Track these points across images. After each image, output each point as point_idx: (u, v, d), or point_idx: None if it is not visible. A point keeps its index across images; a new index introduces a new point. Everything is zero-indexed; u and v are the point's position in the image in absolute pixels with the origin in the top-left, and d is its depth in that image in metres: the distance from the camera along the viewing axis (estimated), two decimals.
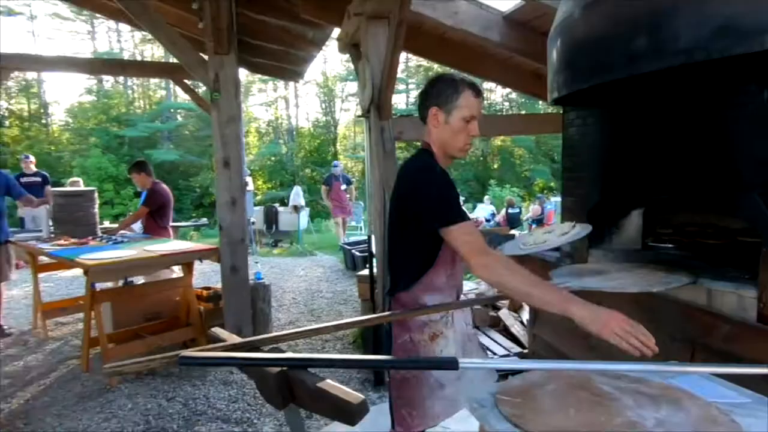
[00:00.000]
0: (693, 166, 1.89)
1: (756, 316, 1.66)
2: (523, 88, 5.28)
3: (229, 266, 3.73)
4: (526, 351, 3.33)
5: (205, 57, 3.74)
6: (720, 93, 1.77)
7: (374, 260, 4.06)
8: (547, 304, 1.29)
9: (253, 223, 8.66)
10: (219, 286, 4.10)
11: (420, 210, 1.49)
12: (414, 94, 22.40)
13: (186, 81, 6.07)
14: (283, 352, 1.14)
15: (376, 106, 3.75)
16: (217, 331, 1.25)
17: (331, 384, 0.96)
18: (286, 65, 6.42)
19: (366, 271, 4.27)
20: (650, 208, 2.50)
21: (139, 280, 4.20)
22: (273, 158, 19.83)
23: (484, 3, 4.05)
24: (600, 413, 1.12)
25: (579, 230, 1.98)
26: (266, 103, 21.84)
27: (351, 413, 0.91)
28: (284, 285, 6.24)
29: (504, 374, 1.72)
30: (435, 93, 1.56)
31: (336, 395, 0.93)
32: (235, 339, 1.21)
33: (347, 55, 4.68)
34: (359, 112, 4.31)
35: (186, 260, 3.71)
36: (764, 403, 1.22)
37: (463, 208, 1.52)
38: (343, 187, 9.16)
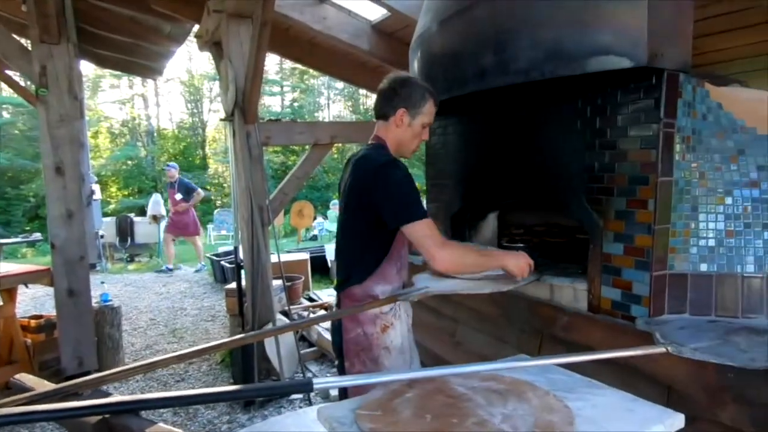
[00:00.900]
0: (535, 172, 2.10)
1: (587, 306, 1.88)
2: None
3: (65, 290, 3.20)
4: None
5: (29, 46, 3.18)
6: (554, 109, 1.99)
7: (243, 272, 3.83)
8: (493, 267, 1.66)
9: (102, 236, 7.61)
10: (54, 313, 3.50)
11: (382, 205, 1.54)
12: (290, 96, 21.95)
13: (9, 72, 5.12)
14: (107, 395, 0.97)
15: (241, 109, 3.54)
16: (22, 378, 1.02)
17: (162, 428, 0.83)
18: (140, 60, 5.79)
19: (235, 284, 4.00)
20: (504, 210, 2.73)
21: None
22: (130, 162, 17.85)
23: (352, 11, 4.08)
24: (453, 415, 1.15)
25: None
26: (120, 100, 19.57)
27: None
28: (141, 305, 5.59)
29: None
30: (405, 95, 1.64)
31: None
32: (46, 385, 0.99)
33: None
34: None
35: (5, 286, 3.09)
36: (591, 386, 1.38)
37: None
38: (179, 196, 7.29)
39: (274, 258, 4.02)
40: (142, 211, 15.44)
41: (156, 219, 8.11)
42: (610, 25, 1.57)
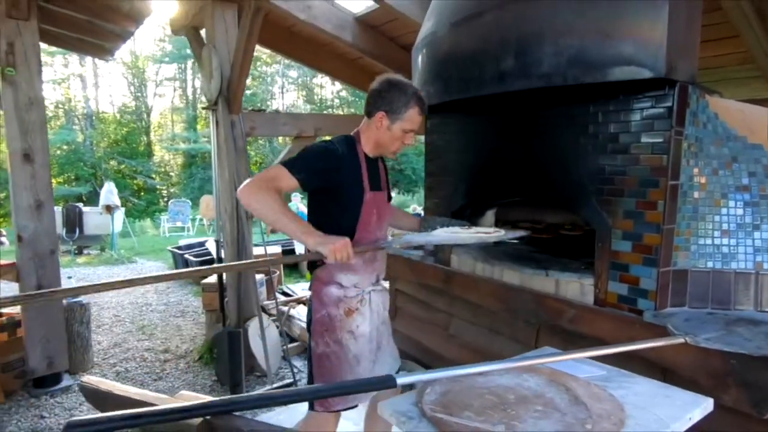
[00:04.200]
0: (541, 172, 2.19)
1: (593, 300, 2.00)
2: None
3: (35, 286, 2.97)
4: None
5: None
6: (564, 112, 2.08)
7: None
8: (291, 232, 1.53)
9: None
10: (15, 310, 3.24)
11: None
12: None
13: None
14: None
15: (226, 98, 3.43)
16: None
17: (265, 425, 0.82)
18: (94, 39, 5.39)
19: (212, 279, 3.88)
20: (500, 207, 2.82)
21: None
22: (66, 147, 16.62)
23: (336, 2, 4.03)
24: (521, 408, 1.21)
25: (510, 233, 2.11)
26: (54, 80, 18.11)
27: None
28: (100, 300, 5.27)
29: None
30: (388, 99, 1.67)
31: None
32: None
33: (161, 35, 4.18)
34: (203, 104, 3.87)
35: None
36: (622, 375, 1.48)
37: (306, 170, 1.59)
38: None
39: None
40: (79, 199, 14.46)
41: (109, 209, 7.63)
42: (633, 37, 1.67)
